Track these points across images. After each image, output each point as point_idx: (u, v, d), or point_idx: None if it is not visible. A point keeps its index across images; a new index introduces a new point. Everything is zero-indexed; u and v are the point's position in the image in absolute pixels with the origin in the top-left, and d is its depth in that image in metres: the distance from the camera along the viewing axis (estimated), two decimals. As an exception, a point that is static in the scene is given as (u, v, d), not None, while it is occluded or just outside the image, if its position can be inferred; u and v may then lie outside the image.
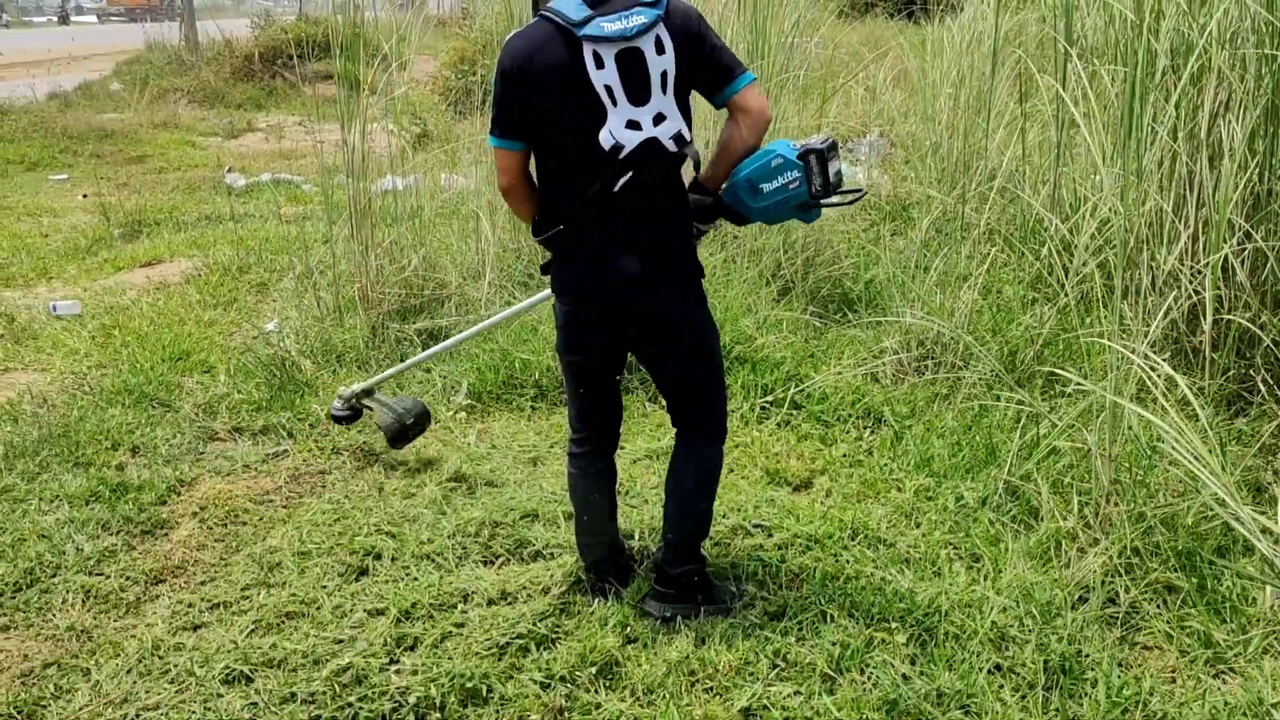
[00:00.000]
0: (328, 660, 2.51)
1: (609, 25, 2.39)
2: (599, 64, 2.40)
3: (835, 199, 2.51)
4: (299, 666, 2.50)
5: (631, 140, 2.41)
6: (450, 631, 2.63)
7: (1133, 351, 4.10)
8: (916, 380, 4.25)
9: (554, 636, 2.64)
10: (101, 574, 2.93)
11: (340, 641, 2.59)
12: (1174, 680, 2.57)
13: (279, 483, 3.49)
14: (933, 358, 4.35)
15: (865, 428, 3.98)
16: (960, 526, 3.22)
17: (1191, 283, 4.08)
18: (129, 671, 2.51)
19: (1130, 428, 3.19)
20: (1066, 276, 4.35)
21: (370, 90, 4.96)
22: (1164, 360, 4.11)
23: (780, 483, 3.55)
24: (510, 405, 4.13)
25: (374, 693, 2.41)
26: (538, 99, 2.41)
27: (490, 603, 2.76)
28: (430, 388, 4.21)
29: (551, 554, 3.03)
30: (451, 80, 11.84)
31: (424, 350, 3.96)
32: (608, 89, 2.41)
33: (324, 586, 2.84)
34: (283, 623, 2.69)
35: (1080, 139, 4.94)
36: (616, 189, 2.44)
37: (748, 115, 2.49)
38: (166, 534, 3.15)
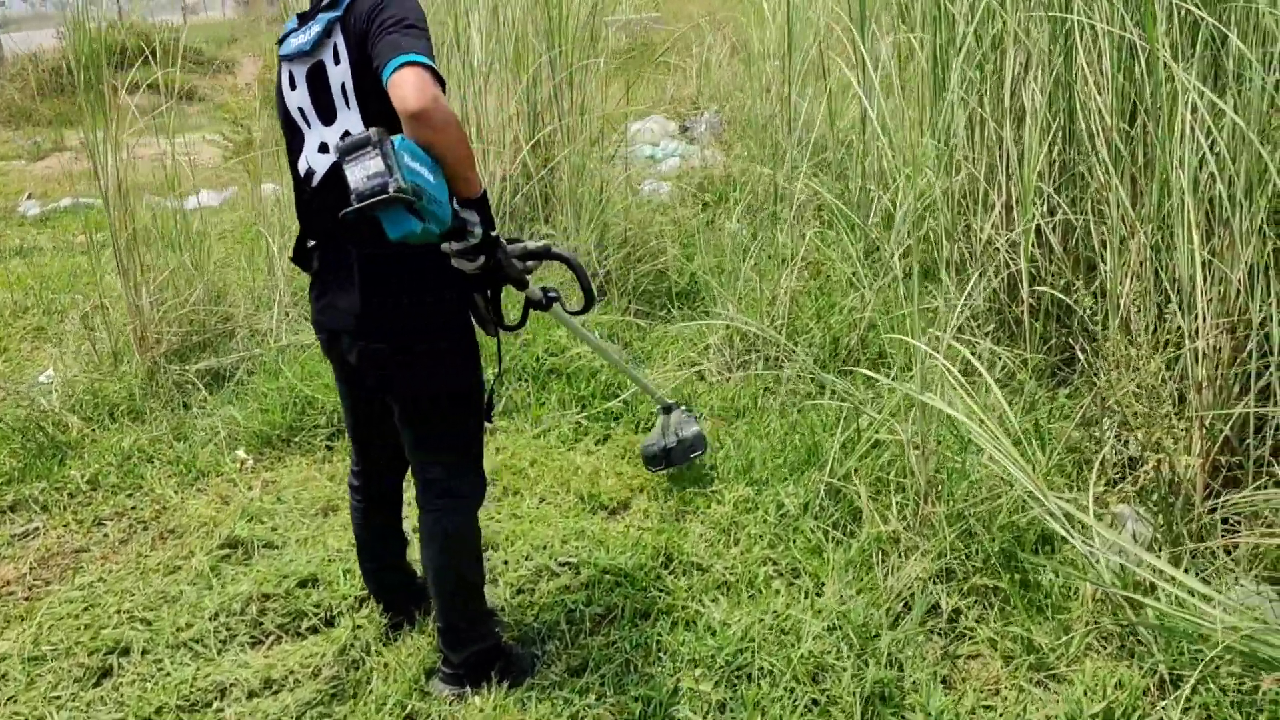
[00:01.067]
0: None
1: (295, 40, 2.12)
2: (292, 84, 2.16)
3: (359, 206, 1.89)
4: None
5: (321, 165, 2.14)
6: (199, 738, 2.29)
7: (946, 330, 4.00)
8: (741, 377, 4.06)
9: (323, 729, 2.32)
10: None
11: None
12: (997, 693, 2.41)
13: (23, 569, 3.06)
14: (756, 350, 4.16)
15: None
16: (781, 539, 3.01)
17: (1007, 253, 3.98)
18: None
19: (945, 418, 3.03)
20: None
21: (180, 97, 4.51)
22: (988, 333, 4.06)
23: (596, 508, 3.29)
24: (301, 448, 3.76)
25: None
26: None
27: (251, 695, 2.42)
28: (213, 435, 3.80)
29: (331, 620, 2.71)
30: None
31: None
32: (301, 111, 2.15)
33: (55, 698, 2.45)
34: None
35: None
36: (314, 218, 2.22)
37: (398, 109, 1.93)
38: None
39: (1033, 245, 3.95)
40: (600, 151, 5.01)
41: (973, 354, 3.86)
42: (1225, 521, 2.74)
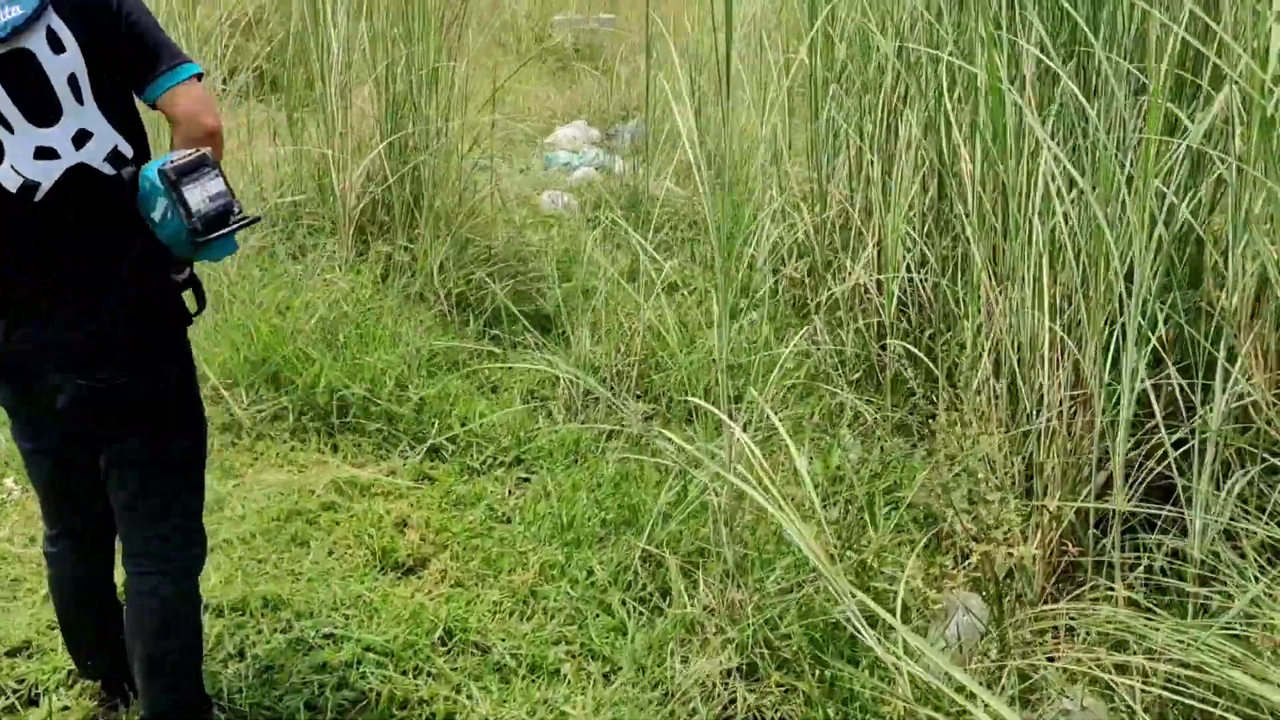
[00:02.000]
0: None
1: None
2: None
3: (222, 231, 1.83)
4: None
5: (50, 173, 1.77)
6: None
7: (818, 377, 3.71)
8: (585, 418, 3.73)
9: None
10: None
11: None
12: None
13: None
14: (610, 386, 3.83)
15: (518, 480, 3.43)
16: (581, 614, 2.69)
17: (878, 297, 3.70)
18: None
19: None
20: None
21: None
22: (853, 381, 3.78)
23: (388, 566, 2.94)
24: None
25: None
26: None
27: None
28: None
29: (34, 699, 2.33)
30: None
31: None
32: None
33: None
34: None
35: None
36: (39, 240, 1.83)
37: (178, 125, 1.88)
38: None
39: (903, 292, 3.68)
40: (461, 157, 4.65)
41: (833, 403, 3.61)
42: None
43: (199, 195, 1.76)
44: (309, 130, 4.72)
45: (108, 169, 1.83)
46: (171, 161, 1.78)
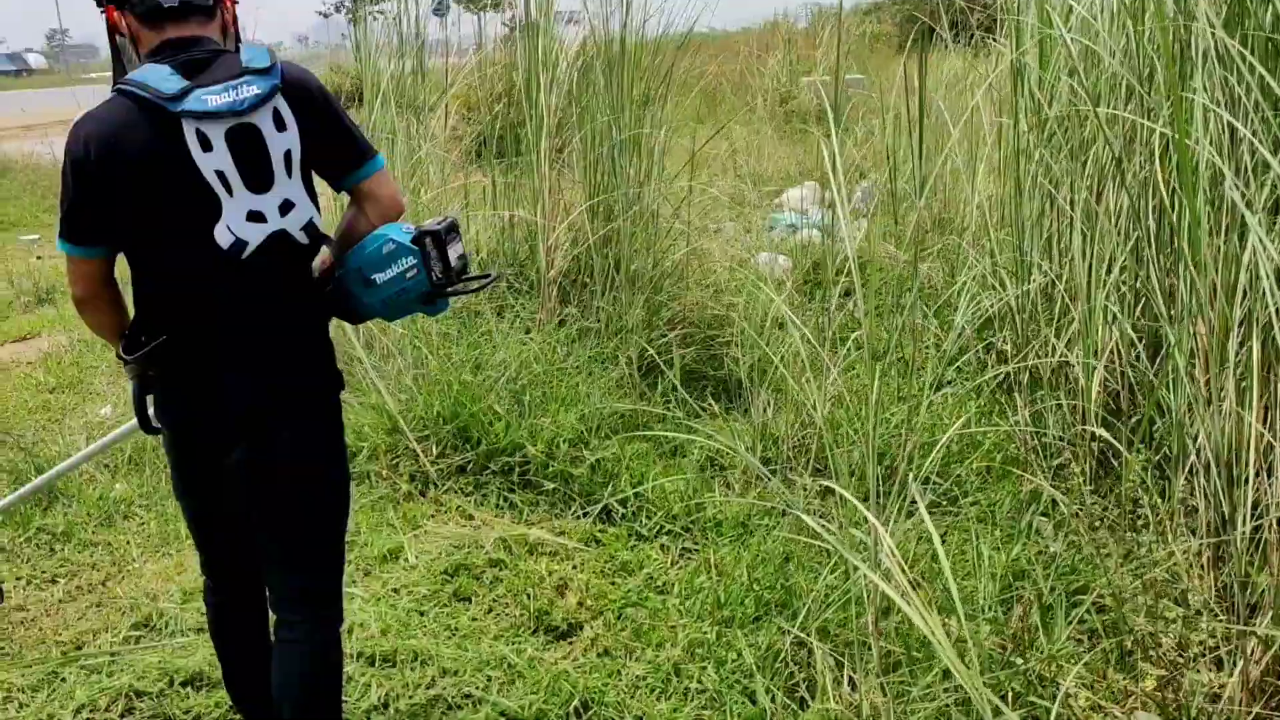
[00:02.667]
0: None
1: (215, 98, 1.88)
2: (205, 146, 1.90)
3: (460, 287, 2.13)
4: None
5: (256, 235, 1.94)
6: None
7: (1015, 460, 3.46)
8: (761, 490, 3.63)
9: None
10: None
11: None
12: None
13: (-46, 623, 3.00)
14: (788, 459, 3.72)
15: (683, 550, 3.37)
16: (720, 700, 2.59)
17: (1082, 380, 3.40)
18: None
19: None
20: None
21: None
22: (1053, 467, 3.48)
23: (542, 629, 2.95)
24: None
25: None
26: (126, 192, 1.89)
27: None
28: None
29: (198, 734, 2.49)
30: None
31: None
32: (220, 175, 1.90)
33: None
34: None
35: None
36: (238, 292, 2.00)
37: (378, 204, 2.12)
38: None
39: (1111, 373, 3.37)
40: (654, 220, 4.69)
41: (1028, 489, 3.34)
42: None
43: (455, 253, 2.07)
44: (519, 195, 4.91)
45: (303, 238, 2.00)
46: (432, 224, 2.06)
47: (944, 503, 3.44)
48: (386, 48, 5.07)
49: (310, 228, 2.00)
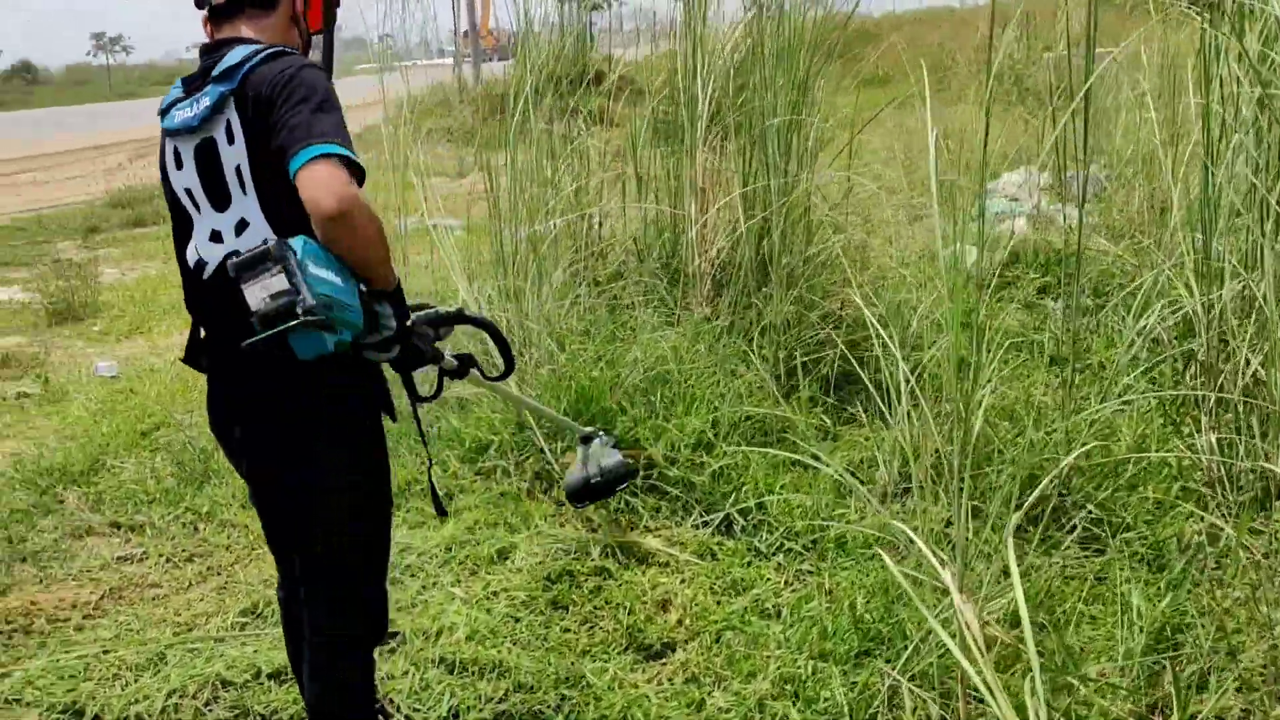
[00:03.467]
0: None
1: (181, 113, 1.89)
2: (179, 163, 1.92)
3: (275, 330, 1.67)
4: None
5: (214, 256, 1.88)
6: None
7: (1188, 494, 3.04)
8: (898, 509, 3.33)
9: None
10: None
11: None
12: None
13: (95, 596, 3.19)
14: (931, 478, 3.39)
15: (800, 571, 3.14)
16: (801, 747, 2.37)
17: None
18: None
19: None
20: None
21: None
22: (1239, 503, 3.01)
23: (635, 647, 2.82)
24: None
25: None
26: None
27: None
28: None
29: (270, 728, 2.52)
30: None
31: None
32: (188, 192, 1.91)
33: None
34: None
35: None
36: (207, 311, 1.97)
37: (309, 209, 1.70)
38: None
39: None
40: (810, 212, 4.40)
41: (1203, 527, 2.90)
42: None
43: (259, 293, 1.65)
44: (673, 186, 4.76)
45: None
46: (236, 256, 1.71)
47: (1103, 534, 3.04)
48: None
49: None
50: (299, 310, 1.61)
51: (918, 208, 5.92)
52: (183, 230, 1.96)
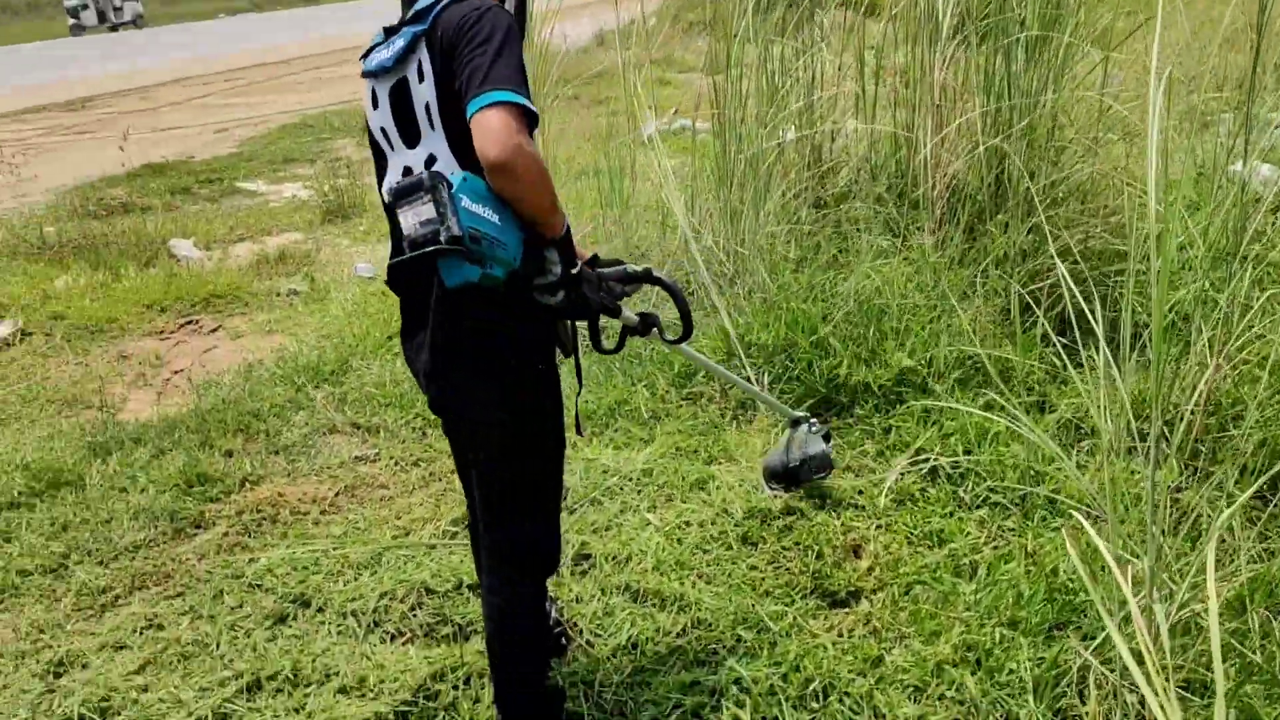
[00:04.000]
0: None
1: (378, 55, 1.99)
2: (375, 103, 2.02)
3: (418, 253, 1.76)
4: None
5: None
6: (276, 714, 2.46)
7: None
8: (1127, 463, 3.08)
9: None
10: (109, 568, 3.15)
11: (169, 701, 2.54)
12: None
13: (332, 492, 3.51)
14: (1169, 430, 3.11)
15: (1003, 529, 3.00)
16: (975, 716, 2.29)
17: None
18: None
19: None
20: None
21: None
22: None
23: (819, 593, 2.80)
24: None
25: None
26: None
27: (341, 690, 2.53)
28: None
29: (467, 634, 2.70)
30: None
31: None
32: (383, 131, 2.01)
33: (234, 629, 2.80)
34: (154, 664, 2.70)
35: None
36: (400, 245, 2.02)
37: (478, 156, 1.73)
38: (193, 535, 3.32)
39: None
40: (1055, 133, 4.02)
41: None
42: None
43: (411, 219, 1.76)
44: (907, 99, 4.49)
45: None
46: (395, 183, 1.79)
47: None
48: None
49: None
50: (441, 238, 1.70)
51: (1210, 112, 5.29)
52: (380, 167, 2.06)
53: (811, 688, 2.42)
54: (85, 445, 3.90)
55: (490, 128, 1.70)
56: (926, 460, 3.28)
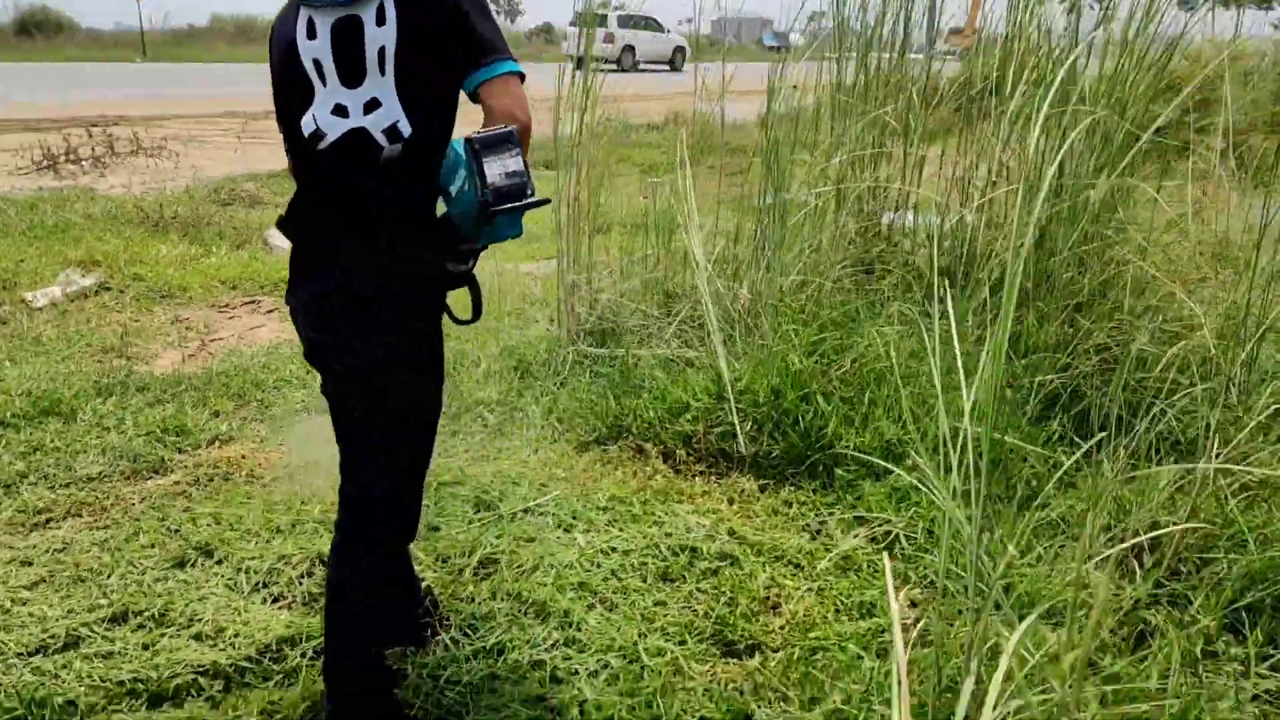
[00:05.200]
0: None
1: None
2: (310, 33, 2.01)
3: (510, 206, 1.85)
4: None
5: (336, 129, 1.97)
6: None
7: None
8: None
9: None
10: (55, 493, 3.23)
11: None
12: None
13: (292, 463, 3.52)
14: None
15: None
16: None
17: None
18: None
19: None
20: None
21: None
22: None
23: (716, 639, 2.61)
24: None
25: None
26: (275, 71, 2.09)
27: (196, 636, 2.50)
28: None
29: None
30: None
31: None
32: (316, 64, 2.00)
33: (132, 565, 2.81)
34: (45, 582, 2.74)
35: None
36: (316, 183, 2.04)
37: (490, 115, 1.90)
38: (148, 478, 3.38)
39: None
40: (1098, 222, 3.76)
41: None
42: None
43: (497, 169, 1.82)
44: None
45: (382, 140, 1.92)
46: (479, 132, 1.84)
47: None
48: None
49: (393, 131, 1.90)
50: (529, 191, 1.83)
51: None
52: (298, 99, 2.01)
53: (655, 726, 2.24)
54: (93, 385, 4.05)
55: (519, 95, 1.91)
56: (889, 532, 3.05)
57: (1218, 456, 2.83)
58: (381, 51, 1.88)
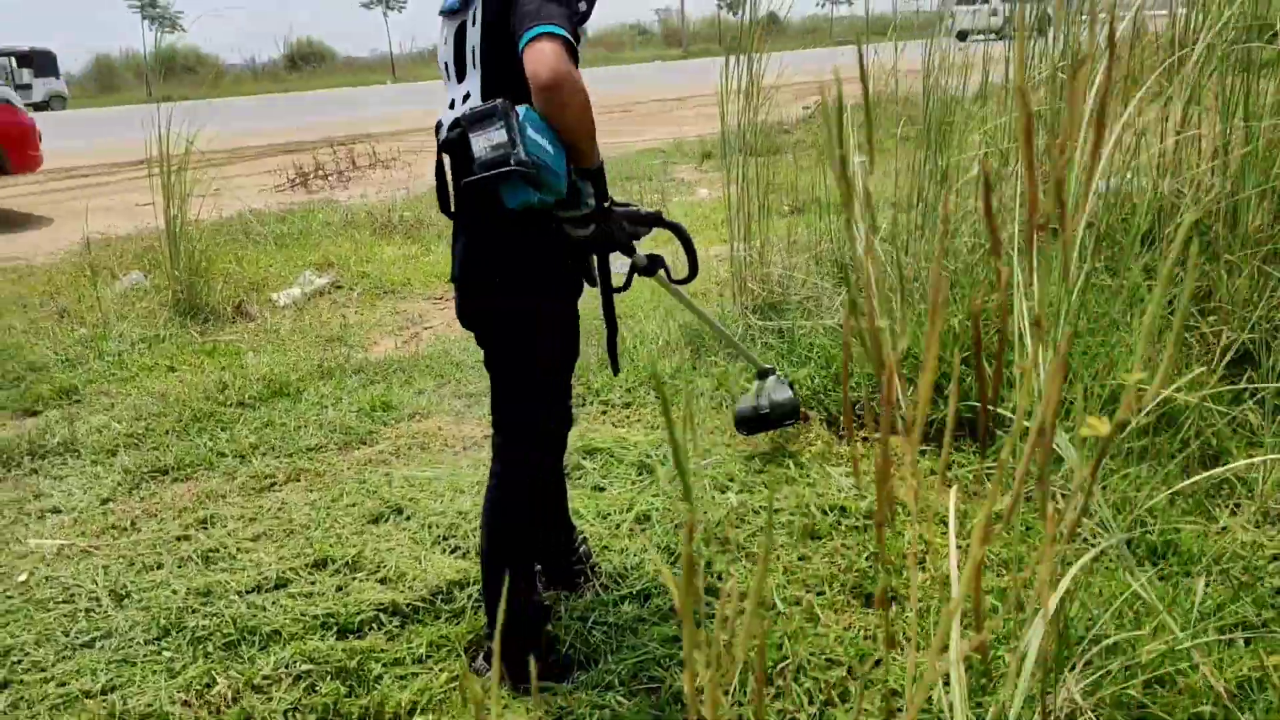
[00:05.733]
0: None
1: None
2: (444, 40, 2.30)
3: (486, 175, 1.93)
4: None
5: (448, 120, 2.23)
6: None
7: None
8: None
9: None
10: (281, 461, 3.69)
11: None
12: None
13: (483, 434, 3.84)
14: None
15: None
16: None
17: None
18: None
19: None
20: None
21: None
22: None
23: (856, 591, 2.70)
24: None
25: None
26: None
27: (381, 580, 2.82)
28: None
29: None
30: None
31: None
32: (445, 66, 2.30)
33: (336, 521, 3.19)
34: (265, 536, 3.15)
35: None
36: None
37: (529, 80, 1.91)
38: (357, 449, 3.79)
39: None
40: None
41: None
42: None
43: (482, 143, 1.92)
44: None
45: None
46: (467, 112, 1.96)
47: None
48: None
49: None
50: (512, 160, 1.88)
51: None
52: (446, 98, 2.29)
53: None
54: (317, 369, 4.56)
55: (543, 52, 1.88)
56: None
57: None
58: (474, 49, 2.10)
